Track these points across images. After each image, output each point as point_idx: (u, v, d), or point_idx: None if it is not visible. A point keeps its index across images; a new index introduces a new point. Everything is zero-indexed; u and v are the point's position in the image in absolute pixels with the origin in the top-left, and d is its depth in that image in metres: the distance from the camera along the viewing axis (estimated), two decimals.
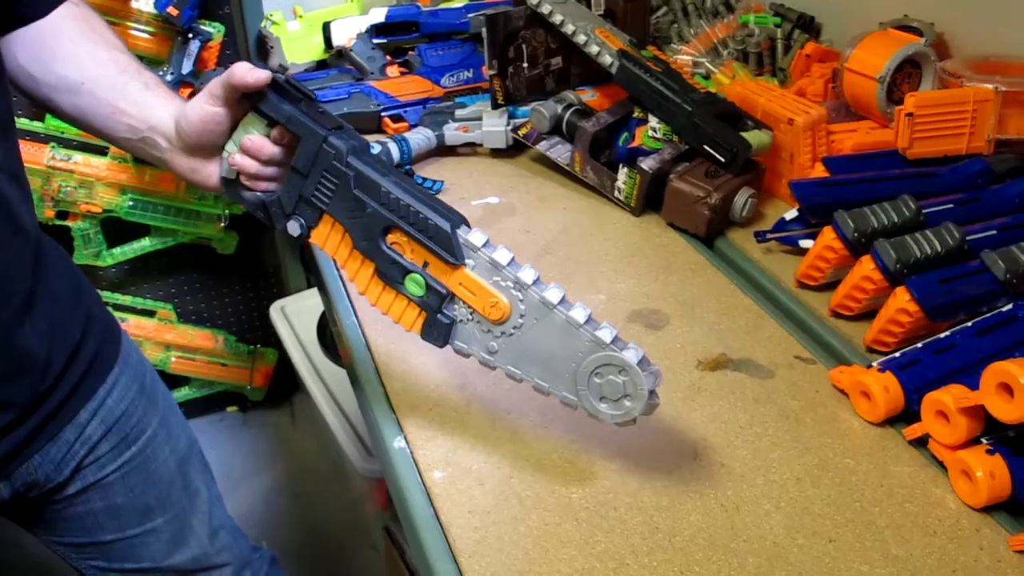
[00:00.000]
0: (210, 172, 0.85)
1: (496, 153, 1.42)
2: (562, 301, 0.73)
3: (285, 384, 2.41)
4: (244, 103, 0.80)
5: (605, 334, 0.71)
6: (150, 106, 0.86)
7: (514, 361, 0.76)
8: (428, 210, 0.75)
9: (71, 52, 0.89)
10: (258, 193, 0.82)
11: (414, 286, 0.77)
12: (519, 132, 1.36)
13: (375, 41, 1.63)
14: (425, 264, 0.76)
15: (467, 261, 0.74)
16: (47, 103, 0.91)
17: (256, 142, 0.81)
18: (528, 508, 0.78)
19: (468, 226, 0.76)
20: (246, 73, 0.76)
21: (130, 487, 1.10)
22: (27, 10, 0.90)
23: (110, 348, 1.06)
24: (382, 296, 0.79)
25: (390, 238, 0.77)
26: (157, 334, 2.13)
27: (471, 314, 0.76)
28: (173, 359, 2.18)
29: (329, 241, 0.80)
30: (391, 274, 0.77)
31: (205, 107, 0.80)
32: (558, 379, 0.74)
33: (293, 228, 0.80)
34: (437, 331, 0.77)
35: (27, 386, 0.92)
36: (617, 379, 0.71)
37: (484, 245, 0.74)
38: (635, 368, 0.70)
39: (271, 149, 0.81)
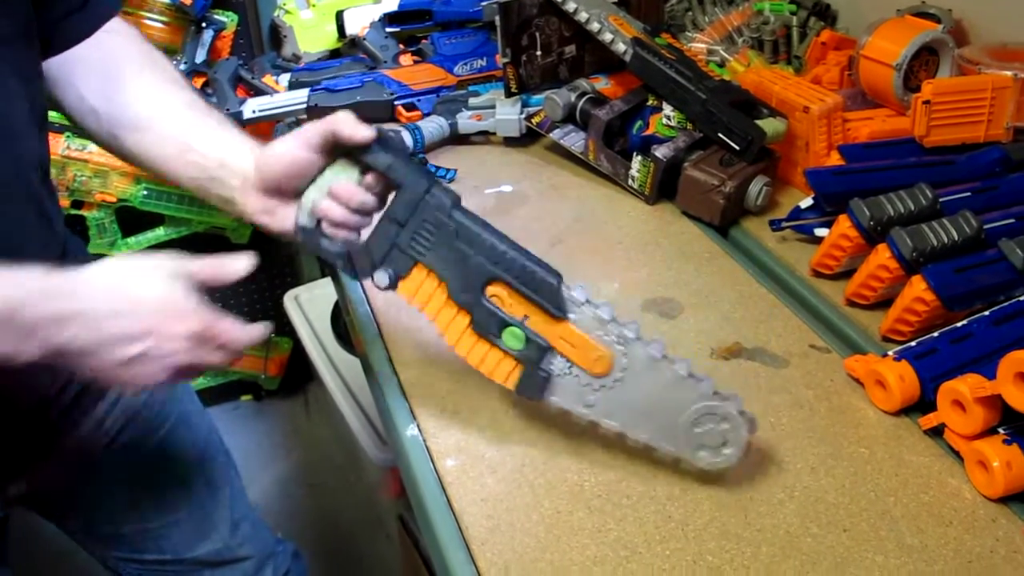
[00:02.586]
0: (285, 215, 0.81)
1: (509, 141, 1.41)
2: (665, 356, 0.74)
3: (299, 373, 2.41)
4: (336, 150, 0.78)
5: (707, 386, 0.74)
6: (224, 142, 0.83)
7: (611, 413, 0.77)
8: (533, 264, 0.75)
9: (137, 85, 0.87)
10: (338, 242, 0.80)
11: (512, 339, 0.76)
12: (532, 120, 1.36)
13: (388, 30, 1.63)
14: (525, 317, 0.76)
15: (570, 315, 0.75)
16: (109, 141, 0.87)
17: (348, 189, 0.78)
18: (540, 496, 0.78)
19: (565, 282, 0.76)
20: (356, 130, 0.75)
21: (152, 478, 1.10)
22: (72, 29, 0.87)
23: None
24: (475, 348, 0.78)
25: (490, 290, 0.76)
26: None
27: (569, 368, 0.76)
28: None
29: (420, 292, 0.78)
30: (489, 327, 0.77)
31: (297, 152, 0.78)
32: (657, 430, 0.77)
33: (381, 278, 0.78)
34: (534, 384, 0.77)
35: (47, 379, 0.92)
36: (717, 428, 0.74)
37: (587, 300, 0.75)
38: (737, 418, 0.74)
39: (362, 196, 0.78)
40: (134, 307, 0.68)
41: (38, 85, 0.84)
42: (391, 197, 0.78)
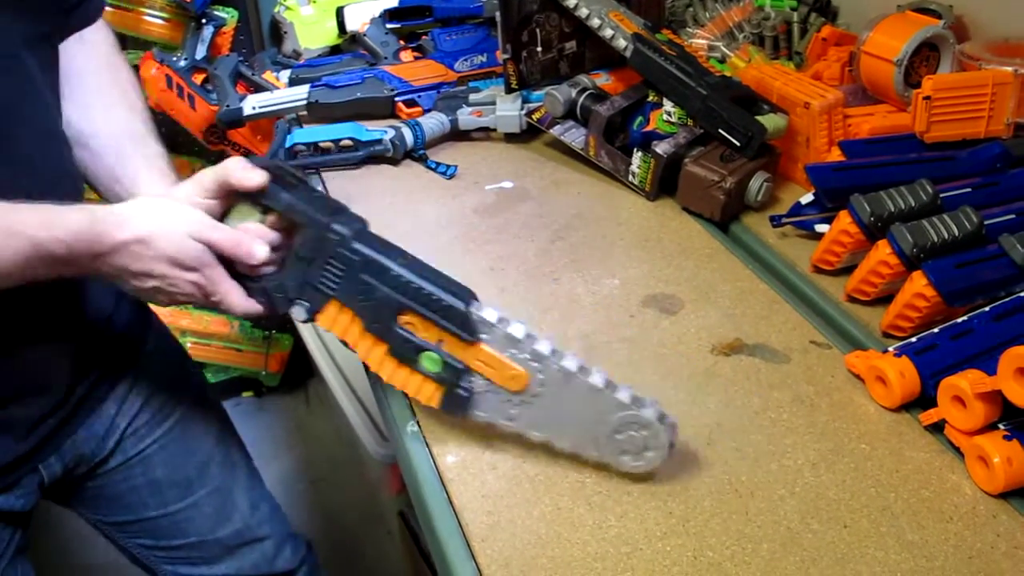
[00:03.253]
0: None
1: (510, 138, 1.41)
2: (580, 369, 0.75)
3: (300, 370, 2.41)
4: (236, 194, 0.80)
5: (624, 395, 0.75)
6: (140, 185, 0.88)
7: (534, 425, 0.78)
8: (440, 290, 0.76)
9: (88, 102, 0.91)
10: (259, 279, 0.81)
11: (430, 363, 0.78)
12: (533, 116, 1.36)
13: (389, 26, 1.63)
14: (440, 342, 0.77)
15: (482, 336, 0.76)
16: None
17: (254, 229, 0.81)
18: (541, 492, 0.78)
19: (478, 300, 0.77)
20: (244, 176, 0.77)
21: (170, 459, 1.12)
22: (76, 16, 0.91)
23: (140, 321, 1.08)
24: (396, 373, 0.80)
25: (402, 319, 0.77)
26: (172, 320, 2.14)
27: (488, 385, 0.77)
28: (189, 345, 2.19)
29: (337, 324, 0.80)
30: (405, 353, 0.78)
31: (194, 199, 0.80)
32: (579, 438, 0.78)
33: (298, 313, 0.80)
34: (456, 403, 0.79)
35: (66, 365, 0.95)
36: (637, 434, 0.75)
37: (498, 321, 0.76)
38: (656, 424, 0.74)
39: (270, 235, 0.81)
40: (153, 255, 0.76)
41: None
42: (297, 235, 0.78)
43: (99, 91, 0.93)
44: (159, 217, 0.77)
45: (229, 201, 0.82)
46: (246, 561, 1.24)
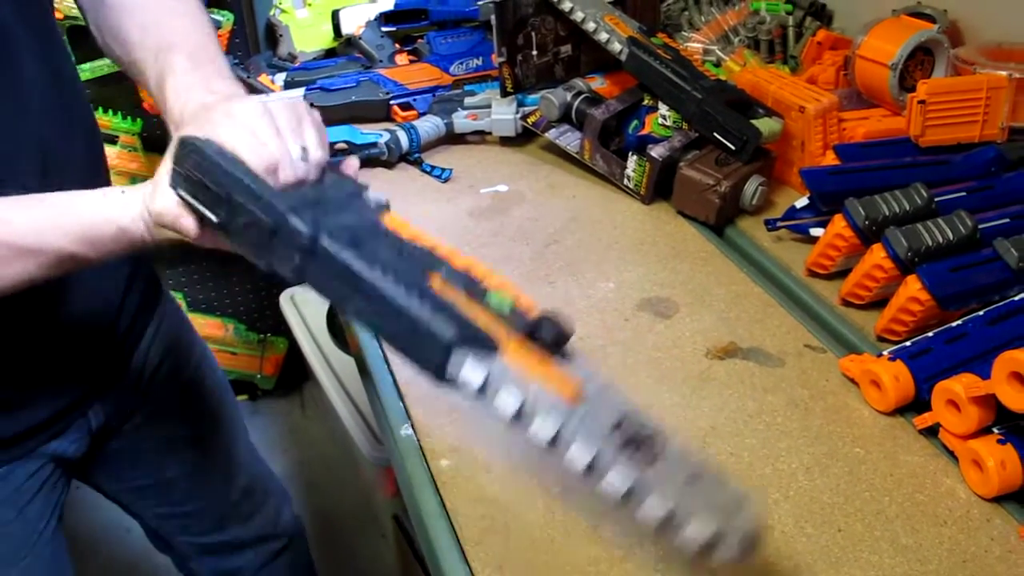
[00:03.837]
0: None
1: (505, 141, 1.41)
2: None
3: (295, 373, 2.41)
4: None
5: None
6: (214, 84, 0.78)
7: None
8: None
9: (147, 18, 0.84)
10: None
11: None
12: (528, 120, 1.36)
13: (384, 29, 1.62)
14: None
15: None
16: (109, 52, 0.88)
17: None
18: (534, 496, 0.78)
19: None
20: None
21: (187, 413, 1.17)
22: None
23: (153, 282, 1.10)
24: None
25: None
26: None
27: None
28: None
29: None
30: None
31: None
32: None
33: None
34: None
35: (111, 287, 0.99)
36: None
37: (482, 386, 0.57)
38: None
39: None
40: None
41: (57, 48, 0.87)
42: None
43: (161, 4, 0.86)
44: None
45: None
46: (253, 521, 1.29)
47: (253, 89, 1.57)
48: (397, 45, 1.61)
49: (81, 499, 1.23)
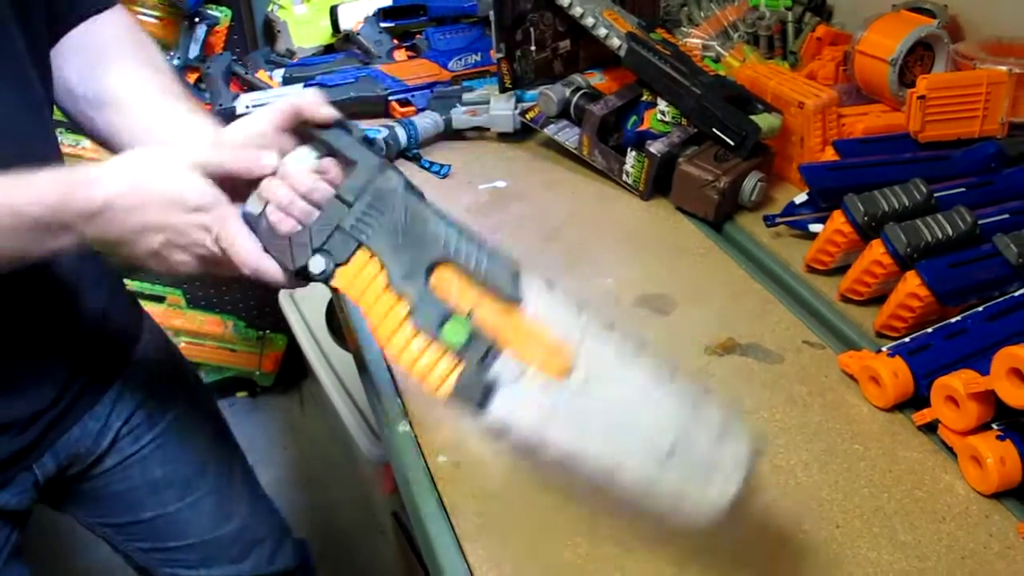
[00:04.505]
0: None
1: (504, 137, 1.41)
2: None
3: (294, 370, 2.41)
4: (293, 138, 0.75)
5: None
6: (187, 129, 0.81)
7: (577, 427, 0.63)
8: (486, 247, 0.69)
9: (116, 67, 0.87)
10: (280, 230, 0.74)
11: (453, 334, 0.67)
12: (527, 116, 1.36)
13: (382, 25, 1.62)
14: (471, 312, 0.67)
15: (527, 301, 0.67)
16: (84, 121, 0.88)
17: (299, 171, 0.74)
18: (533, 493, 0.78)
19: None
20: (320, 107, 0.73)
21: (167, 459, 1.11)
22: (77, 8, 0.88)
23: (134, 321, 1.08)
24: (410, 345, 0.67)
25: (435, 279, 0.69)
26: (166, 320, 2.14)
27: (518, 371, 0.65)
28: (183, 344, 2.18)
29: (359, 279, 0.71)
30: (429, 317, 0.67)
31: (259, 127, 0.75)
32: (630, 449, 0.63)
33: (316, 264, 0.72)
34: (473, 389, 0.65)
35: (68, 354, 0.95)
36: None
37: (548, 289, 0.67)
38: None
39: (312, 182, 0.74)
40: (146, 200, 0.69)
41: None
42: (345, 178, 0.73)
43: (125, 56, 0.88)
44: (152, 159, 0.71)
45: (284, 142, 0.76)
46: (245, 562, 1.23)
47: (252, 86, 1.57)
48: (395, 41, 1.61)
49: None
